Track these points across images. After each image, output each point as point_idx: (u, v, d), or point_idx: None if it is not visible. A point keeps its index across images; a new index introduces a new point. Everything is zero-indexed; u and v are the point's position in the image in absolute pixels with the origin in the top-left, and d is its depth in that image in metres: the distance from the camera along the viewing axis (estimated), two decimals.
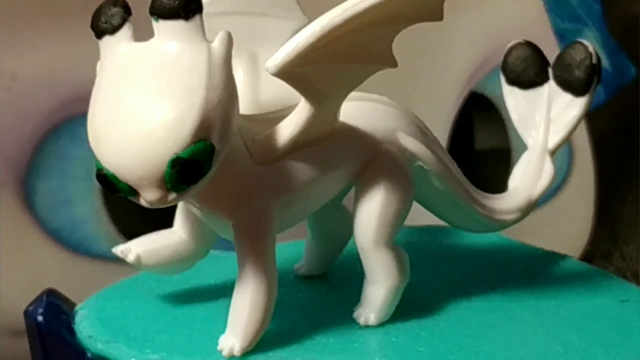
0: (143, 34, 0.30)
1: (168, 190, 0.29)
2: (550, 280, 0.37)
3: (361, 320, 0.33)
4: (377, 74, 0.31)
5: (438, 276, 0.37)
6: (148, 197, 0.29)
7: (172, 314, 0.34)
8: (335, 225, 0.36)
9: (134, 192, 0.29)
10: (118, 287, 0.36)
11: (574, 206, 0.61)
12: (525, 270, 0.38)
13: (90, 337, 0.33)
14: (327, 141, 0.32)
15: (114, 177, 0.29)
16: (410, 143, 0.33)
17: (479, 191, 0.36)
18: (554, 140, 0.37)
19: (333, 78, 0.31)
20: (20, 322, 0.35)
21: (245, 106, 0.32)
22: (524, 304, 0.35)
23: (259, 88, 0.34)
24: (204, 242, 0.34)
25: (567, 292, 0.36)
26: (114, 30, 0.30)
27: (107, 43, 0.30)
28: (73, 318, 0.34)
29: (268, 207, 0.31)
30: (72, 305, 0.35)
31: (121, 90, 0.29)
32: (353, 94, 0.32)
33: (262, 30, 0.34)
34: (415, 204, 0.34)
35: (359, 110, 0.33)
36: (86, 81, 0.31)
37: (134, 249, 0.34)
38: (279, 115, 0.32)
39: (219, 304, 0.34)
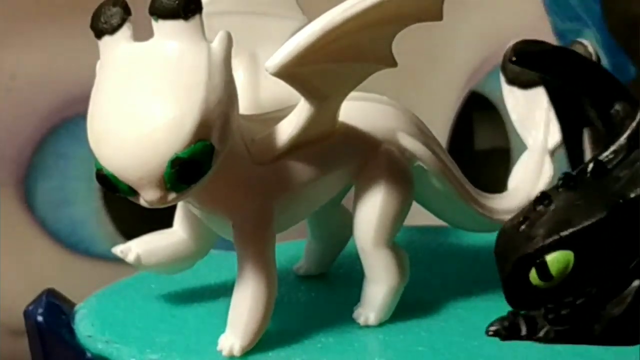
0: (143, 34, 0.30)
1: (168, 190, 0.29)
2: None
3: (361, 320, 0.33)
4: (377, 74, 0.31)
5: (438, 276, 0.37)
6: (148, 197, 0.29)
7: (172, 314, 0.34)
8: (335, 225, 0.36)
9: (134, 192, 0.29)
10: (118, 287, 0.36)
11: None
12: None
13: (90, 337, 0.33)
14: (327, 141, 0.32)
15: (114, 177, 0.29)
16: (410, 143, 0.33)
17: (479, 191, 0.36)
18: (553, 140, 0.37)
19: (333, 78, 0.31)
20: (20, 322, 0.35)
21: (245, 106, 0.32)
22: None
23: (259, 88, 0.34)
24: (203, 242, 0.34)
25: None
26: (113, 30, 0.30)
27: (107, 43, 0.30)
28: (73, 318, 0.34)
29: (268, 207, 0.31)
30: (72, 305, 0.35)
31: (121, 90, 0.29)
32: (353, 94, 0.32)
33: (262, 30, 0.34)
34: (415, 204, 0.34)
35: (359, 110, 0.33)
36: (86, 81, 0.31)
37: (134, 249, 0.34)
38: (279, 115, 0.32)
39: (219, 304, 0.34)
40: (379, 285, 0.33)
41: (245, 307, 0.31)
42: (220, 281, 0.36)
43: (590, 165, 0.30)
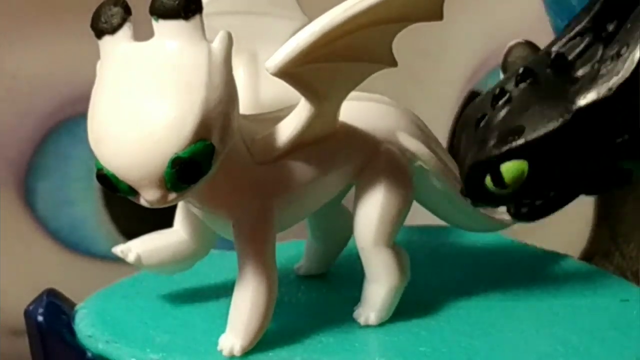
0: (143, 34, 0.30)
1: (168, 190, 0.29)
2: (550, 280, 0.37)
3: (361, 320, 0.33)
4: (377, 74, 0.31)
5: (438, 276, 0.37)
6: (148, 197, 0.29)
7: (172, 314, 0.34)
8: (336, 225, 0.36)
9: (134, 192, 0.29)
10: (118, 287, 0.36)
11: (574, 206, 0.61)
12: (525, 270, 0.38)
13: (90, 336, 0.33)
14: (327, 141, 0.32)
15: (114, 177, 0.29)
16: (411, 143, 0.33)
17: None
18: None
19: (333, 78, 0.31)
20: (21, 322, 0.35)
21: (245, 106, 0.32)
22: (524, 304, 0.35)
23: (259, 88, 0.34)
24: (204, 241, 0.34)
25: (567, 292, 0.36)
26: (114, 30, 0.30)
27: (107, 43, 0.30)
28: (73, 318, 0.34)
29: (268, 207, 0.31)
30: (72, 305, 0.35)
31: (121, 90, 0.29)
32: (353, 94, 0.32)
33: (262, 30, 0.34)
34: (415, 204, 0.34)
35: (359, 110, 0.33)
36: (86, 81, 0.31)
37: (134, 249, 0.34)
38: (279, 115, 0.32)
39: (219, 304, 0.34)
40: (380, 285, 0.33)
41: (245, 307, 0.31)
42: (220, 281, 0.36)
43: (552, 58, 0.29)
